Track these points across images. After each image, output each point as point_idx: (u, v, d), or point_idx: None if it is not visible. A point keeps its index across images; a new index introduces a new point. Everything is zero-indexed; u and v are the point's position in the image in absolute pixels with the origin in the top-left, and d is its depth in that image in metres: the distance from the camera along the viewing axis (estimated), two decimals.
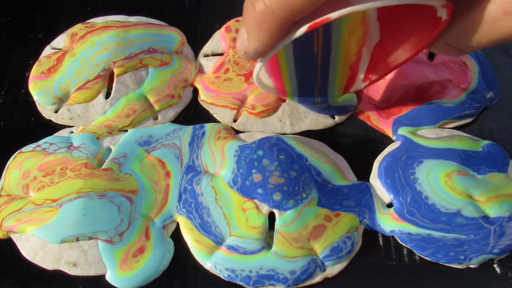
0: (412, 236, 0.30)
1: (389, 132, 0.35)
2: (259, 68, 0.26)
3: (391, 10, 0.26)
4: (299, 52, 0.28)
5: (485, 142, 0.34)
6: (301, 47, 0.28)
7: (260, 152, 0.32)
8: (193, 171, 0.32)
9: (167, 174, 0.32)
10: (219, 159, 0.32)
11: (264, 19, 0.22)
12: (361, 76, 0.32)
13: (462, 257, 0.29)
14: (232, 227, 0.30)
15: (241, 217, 0.30)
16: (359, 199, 0.31)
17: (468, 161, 0.32)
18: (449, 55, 0.25)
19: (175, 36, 0.39)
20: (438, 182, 0.31)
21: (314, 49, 0.29)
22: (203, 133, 0.34)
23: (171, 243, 0.30)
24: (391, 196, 0.31)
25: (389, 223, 0.30)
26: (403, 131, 0.34)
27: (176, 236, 0.30)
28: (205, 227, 0.30)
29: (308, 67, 0.30)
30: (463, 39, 0.24)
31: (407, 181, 0.32)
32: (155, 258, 0.29)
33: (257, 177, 0.31)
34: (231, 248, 0.29)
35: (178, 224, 0.31)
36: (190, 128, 0.34)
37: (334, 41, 0.28)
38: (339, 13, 0.22)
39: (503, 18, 0.21)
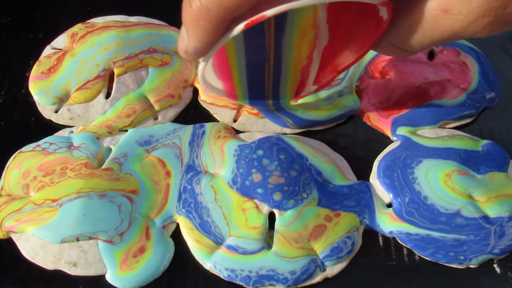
0: (412, 236, 0.30)
1: (388, 132, 0.35)
2: (202, 68, 0.26)
3: (338, 12, 0.26)
4: (251, 56, 0.28)
5: (485, 141, 0.34)
6: (253, 50, 0.28)
7: (260, 152, 0.32)
8: (193, 170, 0.32)
9: (168, 173, 0.32)
10: (219, 158, 0.32)
11: (200, 17, 0.22)
12: (312, 79, 0.32)
13: (462, 257, 0.29)
14: (231, 227, 0.30)
15: (241, 217, 0.30)
16: (359, 198, 0.31)
17: (468, 160, 0.32)
18: (394, 56, 0.25)
19: (175, 36, 0.39)
20: (438, 182, 0.31)
21: (266, 53, 0.29)
22: (203, 132, 0.34)
23: (171, 243, 0.30)
24: (391, 196, 0.31)
25: (388, 223, 0.30)
26: (402, 130, 0.34)
27: (176, 236, 0.30)
28: (204, 227, 0.30)
29: (260, 71, 0.30)
30: (406, 39, 0.24)
31: (405, 181, 0.32)
32: (155, 258, 0.29)
33: (257, 177, 0.31)
34: (231, 248, 0.29)
35: (178, 224, 0.31)
36: (190, 128, 0.34)
37: (286, 45, 0.28)
38: (275, 11, 0.21)
39: (442, 16, 0.21)
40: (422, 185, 0.31)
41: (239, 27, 0.22)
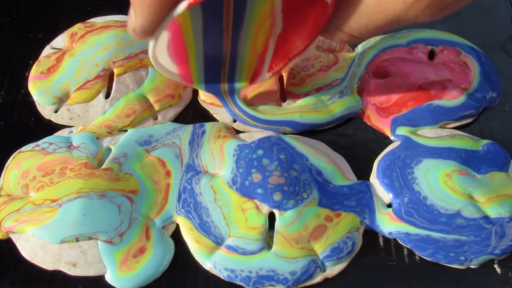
0: (411, 236, 0.30)
1: (388, 132, 0.35)
2: (152, 47, 0.26)
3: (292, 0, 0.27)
4: (209, 42, 0.29)
5: (486, 141, 0.34)
6: (211, 37, 0.28)
7: (260, 152, 0.32)
8: (193, 170, 0.32)
9: (168, 173, 0.32)
10: (218, 158, 0.32)
11: None
12: (267, 67, 0.32)
13: (462, 258, 0.29)
14: (231, 228, 0.30)
15: (241, 218, 0.30)
16: (360, 198, 0.31)
17: (468, 160, 0.32)
18: (343, 42, 0.26)
19: None
20: (437, 182, 0.31)
21: (224, 40, 0.29)
22: (203, 132, 0.34)
23: (171, 243, 0.30)
24: (390, 196, 0.31)
25: (387, 224, 0.30)
26: (401, 130, 0.34)
27: (176, 236, 0.30)
28: (204, 227, 0.30)
29: (217, 57, 0.30)
30: (351, 23, 0.24)
31: (405, 181, 0.31)
32: (155, 259, 0.29)
33: (256, 177, 0.31)
34: (230, 248, 0.29)
35: (178, 224, 0.30)
36: (190, 127, 0.34)
37: (244, 33, 0.29)
38: None
39: None
40: (421, 185, 0.31)
41: (183, 5, 0.23)
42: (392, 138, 0.34)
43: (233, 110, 0.34)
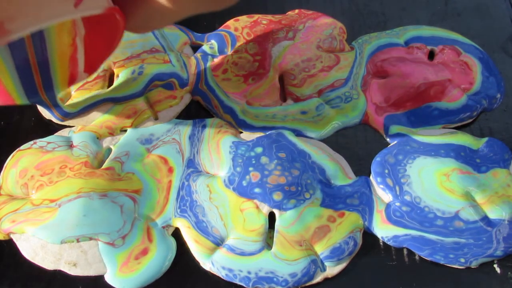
0: (400, 237, 0.29)
1: (382, 130, 0.34)
2: None
3: None
4: (17, 60, 0.28)
5: (486, 139, 0.33)
6: (17, 49, 0.28)
7: (258, 149, 0.32)
8: (193, 166, 0.32)
9: (170, 170, 0.32)
10: (216, 157, 0.32)
11: None
12: (82, 67, 0.31)
13: (462, 260, 0.29)
14: (228, 229, 0.29)
15: (239, 219, 0.29)
16: (362, 195, 0.31)
17: (469, 158, 0.32)
18: (141, 32, 0.27)
19: (179, 34, 0.39)
20: (433, 183, 0.31)
21: (27, 52, 0.28)
22: (204, 126, 0.34)
23: (173, 242, 0.30)
24: (389, 195, 0.31)
25: (380, 226, 0.30)
26: (395, 129, 0.34)
27: (176, 236, 0.30)
28: (201, 226, 0.29)
29: (27, 65, 0.29)
30: (149, 23, 0.26)
31: (396, 179, 0.31)
32: (158, 260, 0.29)
33: (255, 176, 0.31)
34: (228, 248, 0.29)
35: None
36: (190, 122, 0.34)
37: (47, 37, 0.28)
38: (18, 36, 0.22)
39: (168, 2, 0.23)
40: (413, 186, 0.31)
41: None
42: (386, 138, 0.34)
43: (55, 115, 0.34)
